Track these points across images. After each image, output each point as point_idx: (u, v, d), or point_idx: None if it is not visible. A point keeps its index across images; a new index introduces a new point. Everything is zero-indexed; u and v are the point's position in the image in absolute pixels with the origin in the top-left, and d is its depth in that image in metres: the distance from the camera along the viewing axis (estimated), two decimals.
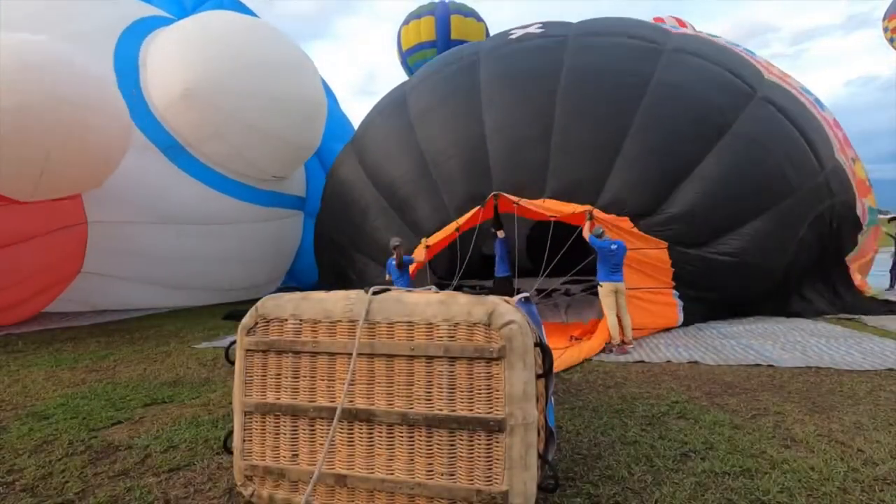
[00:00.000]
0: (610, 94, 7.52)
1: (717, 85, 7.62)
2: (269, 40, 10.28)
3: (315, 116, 10.85)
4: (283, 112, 9.90)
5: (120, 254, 9.36)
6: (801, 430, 3.34)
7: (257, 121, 9.63)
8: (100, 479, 2.93)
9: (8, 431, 3.73)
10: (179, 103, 9.21)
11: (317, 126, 11.04)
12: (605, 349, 5.77)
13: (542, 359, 2.32)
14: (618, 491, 2.63)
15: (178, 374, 5.29)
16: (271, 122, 9.78)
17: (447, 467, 2.20)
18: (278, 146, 10.26)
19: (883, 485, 2.64)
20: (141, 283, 10.00)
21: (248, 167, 10.21)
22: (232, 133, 9.61)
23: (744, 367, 4.99)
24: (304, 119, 10.51)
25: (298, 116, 10.29)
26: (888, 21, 24.19)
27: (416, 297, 2.38)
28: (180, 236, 9.72)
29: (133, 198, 9.14)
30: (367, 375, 2.35)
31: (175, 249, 9.79)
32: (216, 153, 9.83)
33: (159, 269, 9.93)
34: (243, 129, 9.63)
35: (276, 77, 9.85)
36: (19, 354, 6.45)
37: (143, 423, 3.82)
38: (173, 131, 9.52)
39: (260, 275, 11.54)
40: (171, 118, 9.41)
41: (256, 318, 2.56)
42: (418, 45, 21.27)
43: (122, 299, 10.11)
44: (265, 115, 9.68)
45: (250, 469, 2.50)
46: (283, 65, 10.15)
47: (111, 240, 9.10)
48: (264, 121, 9.70)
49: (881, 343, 5.72)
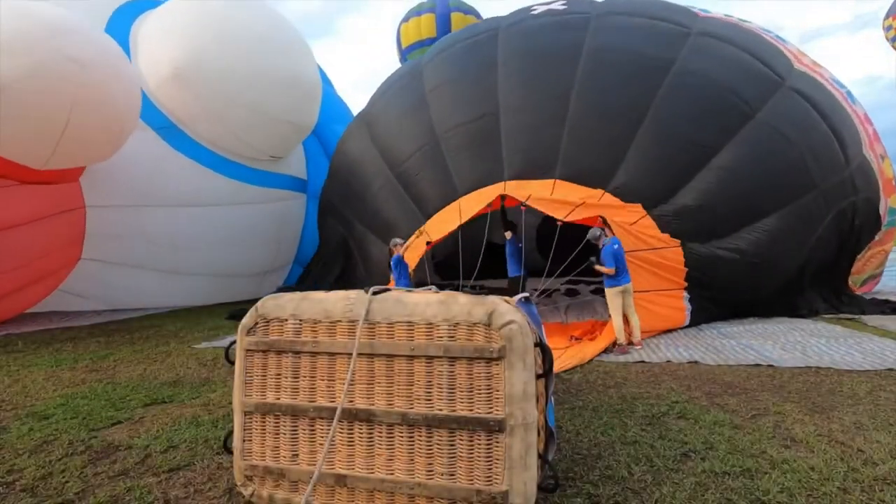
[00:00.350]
0: (630, 77, 7.30)
1: (743, 72, 7.34)
2: (261, 18, 10.06)
3: (310, 94, 10.63)
4: (277, 90, 9.70)
5: (119, 239, 9.21)
6: (801, 430, 3.33)
7: (250, 99, 9.44)
8: (100, 479, 2.93)
9: (8, 431, 3.73)
10: (170, 84, 9.06)
11: (312, 104, 10.80)
12: (607, 349, 5.75)
13: (542, 359, 2.32)
14: (618, 491, 2.63)
15: (178, 374, 5.29)
16: (264, 100, 9.59)
17: (447, 467, 2.20)
18: (273, 125, 10.05)
19: (883, 485, 2.64)
20: (142, 269, 9.81)
21: (243, 147, 10.02)
22: (224, 112, 9.44)
23: (744, 367, 4.98)
24: (299, 97, 10.31)
25: (293, 94, 10.10)
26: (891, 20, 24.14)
27: (416, 298, 2.38)
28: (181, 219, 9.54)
29: (129, 180, 9.01)
30: (366, 375, 2.35)
31: (174, 233, 9.63)
32: (210, 133, 9.64)
33: (159, 254, 9.74)
34: (236, 109, 9.45)
35: (268, 55, 9.65)
36: (19, 354, 6.45)
37: (143, 423, 3.82)
38: (166, 112, 9.36)
39: (262, 259, 11.33)
40: (163, 99, 9.25)
41: (256, 318, 2.56)
42: (418, 42, 21.25)
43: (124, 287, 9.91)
44: (258, 94, 9.49)
45: (250, 469, 2.50)
46: (275, 42, 9.94)
47: (110, 224, 8.99)
48: (257, 99, 9.51)
49: (881, 343, 5.71)
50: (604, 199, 6.81)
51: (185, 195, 9.63)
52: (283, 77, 9.83)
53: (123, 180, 8.94)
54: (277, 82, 9.72)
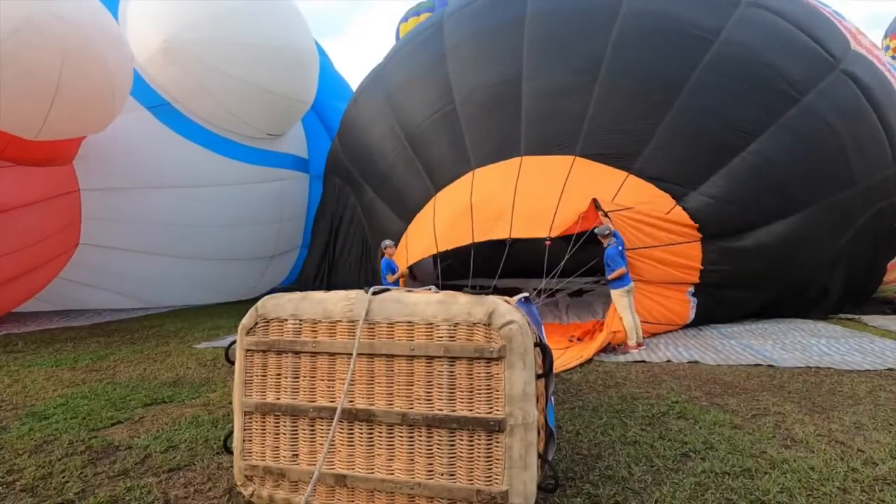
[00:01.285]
0: (669, 47, 6.73)
1: (793, 51, 6.68)
2: None
3: (305, 65, 10.15)
4: (270, 62, 9.27)
5: (116, 223, 8.98)
6: (801, 430, 3.34)
7: (243, 72, 9.04)
8: (100, 479, 2.93)
9: (8, 431, 3.73)
10: (159, 58, 8.72)
11: (308, 76, 10.33)
12: (608, 349, 5.73)
13: (542, 359, 2.32)
14: (618, 491, 2.63)
15: (178, 374, 5.29)
16: (258, 73, 9.18)
17: (447, 467, 2.20)
18: (267, 99, 9.59)
19: (883, 485, 2.64)
20: (143, 253, 9.52)
21: (239, 124, 9.66)
22: (217, 87, 9.08)
23: (744, 367, 4.98)
24: (294, 69, 9.87)
25: (287, 66, 9.66)
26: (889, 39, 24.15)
27: (416, 298, 2.38)
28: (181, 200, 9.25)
29: (123, 162, 8.77)
30: (366, 375, 2.35)
31: (172, 215, 9.33)
32: (203, 110, 9.31)
33: (159, 237, 9.43)
34: (229, 83, 9.07)
35: (259, 25, 9.25)
36: (19, 354, 6.45)
37: (143, 423, 3.82)
38: (158, 89, 9.05)
39: (265, 242, 10.99)
40: (154, 74, 8.94)
41: (256, 318, 2.56)
42: None
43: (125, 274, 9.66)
44: (251, 67, 9.07)
45: (250, 469, 2.50)
46: (266, 12, 9.49)
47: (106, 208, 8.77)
48: (250, 72, 9.10)
49: (881, 343, 5.71)
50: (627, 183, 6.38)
51: (180, 176, 9.28)
52: (275, 47, 9.38)
53: (117, 162, 8.67)
54: (270, 53, 9.28)
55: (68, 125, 7.22)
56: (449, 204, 7.16)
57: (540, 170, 6.71)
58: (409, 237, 7.62)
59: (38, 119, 6.65)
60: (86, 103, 7.05)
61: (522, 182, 6.74)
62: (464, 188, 7.05)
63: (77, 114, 7.10)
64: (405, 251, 7.35)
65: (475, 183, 7.03)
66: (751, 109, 6.47)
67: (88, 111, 7.25)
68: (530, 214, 6.44)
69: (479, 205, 6.77)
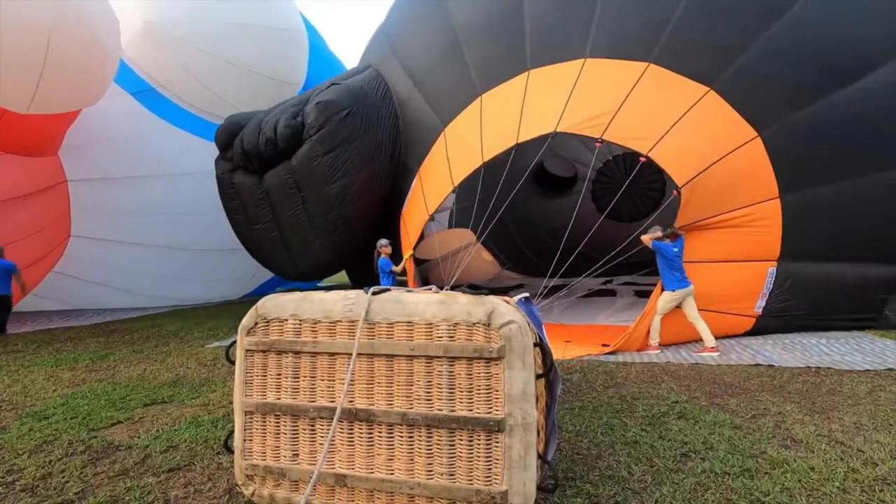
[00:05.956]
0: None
1: (879, 15, 5.72)
2: None
3: (292, 44, 9.88)
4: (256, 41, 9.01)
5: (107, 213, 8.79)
6: (801, 431, 3.34)
7: (227, 53, 8.78)
8: (100, 479, 2.93)
9: (8, 431, 3.74)
10: (141, 39, 8.50)
11: (296, 56, 10.02)
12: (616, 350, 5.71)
13: (542, 359, 2.32)
14: (618, 491, 2.63)
15: (178, 374, 5.29)
16: (241, 52, 8.89)
17: (447, 467, 2.21)
18: (253, 80, 9.34)
19: (883, 485, 2.64)
20: (138, 245, 9.33)
21: (225, 108, 9.28)
22: (201, 69, 8.82)
23: (744, 367, 4.99)
24: (281, 48, 9.61)
25: (274, 45, 9.41)
26: None
27: (415, 298, 2.38)
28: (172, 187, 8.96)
29: (109, 151, 8.59)
30: (366, 375, 2.36)
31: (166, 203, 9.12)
32: (188, 93, 9.05)
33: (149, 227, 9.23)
34: (214, 64, 8.82)
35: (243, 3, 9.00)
36: (19, 354, 6.46)
37: (143, 423, 3.82)
38: (142, 73, 8.81)
39: None
40: (136, 58, 8.72)
41: (256, 318, 2.56)
42: None
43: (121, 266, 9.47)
44: (235, 47, 8.81)
45: (251, 469, 2.50)
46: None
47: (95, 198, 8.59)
48: (235, 53, 8.83)
49: (881, 343, 5.72)
50: (705, 101, 5.59)
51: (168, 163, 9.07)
52: (261, 27, 9.12)
53: (102, 151, 8.51)
54: (255, 33, 9.03)
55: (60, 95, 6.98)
56: (456, 133, 6.93)
57: (551, 77, 6.32)
58: (421, 178, 7.40)
59: (28, 90, 6.45)
60: (76, 72, 6.81)
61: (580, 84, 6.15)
62: (472, 113, 6.80)
63: (68, 80, 6.85)
64: (421, 196, 7.07)
65: (483, 102, 6.78)
66: (816, 72, 5.58)
67: (79, 82, 7.03)
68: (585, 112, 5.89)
69: (488, 111, 6.48)
